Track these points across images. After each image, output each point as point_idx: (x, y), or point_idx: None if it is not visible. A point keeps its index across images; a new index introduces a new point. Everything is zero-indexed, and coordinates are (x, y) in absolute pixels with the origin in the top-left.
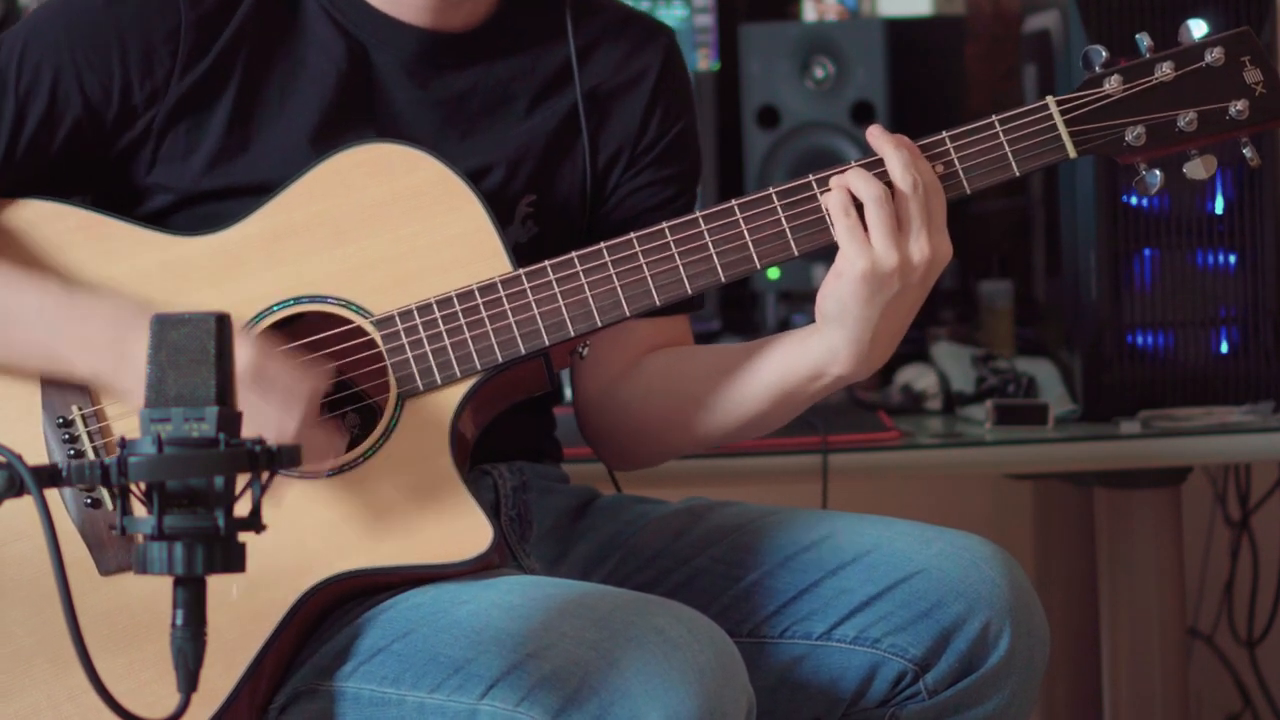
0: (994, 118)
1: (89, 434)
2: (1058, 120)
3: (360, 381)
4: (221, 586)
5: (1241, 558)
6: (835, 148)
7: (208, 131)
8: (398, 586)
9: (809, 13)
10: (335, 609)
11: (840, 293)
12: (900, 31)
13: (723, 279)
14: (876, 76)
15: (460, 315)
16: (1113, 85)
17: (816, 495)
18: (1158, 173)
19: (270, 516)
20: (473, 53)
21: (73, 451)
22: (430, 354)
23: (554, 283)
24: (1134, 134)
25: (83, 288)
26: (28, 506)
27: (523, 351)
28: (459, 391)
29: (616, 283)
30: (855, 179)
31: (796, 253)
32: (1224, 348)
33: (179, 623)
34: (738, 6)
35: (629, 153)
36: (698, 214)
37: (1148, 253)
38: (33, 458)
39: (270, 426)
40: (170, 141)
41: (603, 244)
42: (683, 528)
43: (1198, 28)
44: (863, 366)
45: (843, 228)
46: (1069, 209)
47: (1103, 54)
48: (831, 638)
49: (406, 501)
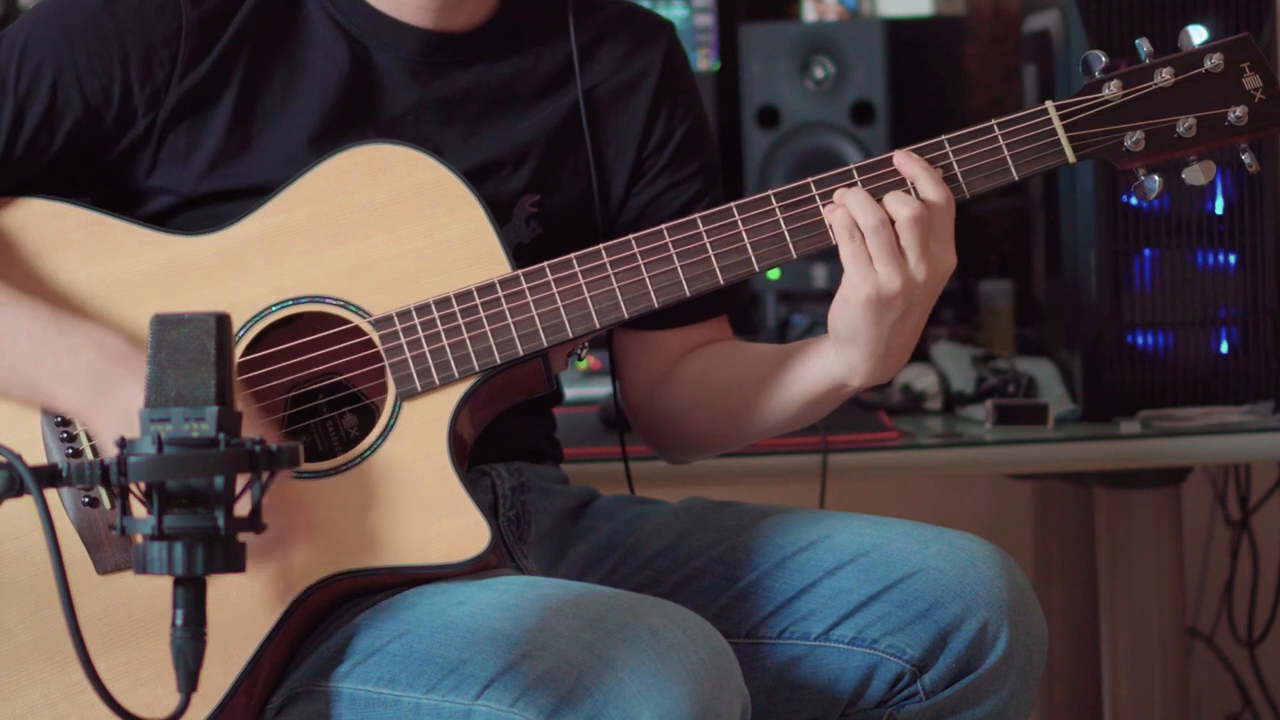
0: (993, 122)
1: (87, 434)
2: (1057, 125)
3: (358, 382)
4: (219, 588)
5: (1241, 558)
6: (835, 148)
7: (209, 133)
8: (394, 586)
9: (809, 13)
10: (332, 609)
11: (848, 316)
12: (900, 31)
13: (721, 281)
14: (876, 76)
15: (459, 316)
16: (1112, 90)
17: (816, 495)
18: (1156, 178)
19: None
20: (474, 52)
21: (70, 451)
22: (428, 355)
23: (552, 284)
24: (1133, 139)
25: (71, 318)
26: (26, 505)
27: (521, 353)
28: (457, 392)
29: (615, 284)
30: (854, 205)
31: (795, 255)
32: (1224, 348)
33: (179, 622)
34: (738, 6)
35: (637, 155)
36: (696, 216)
37: (1148, 253)
38: (31, 458)
39: None
40: (171, 143)
41: (601, 245)
42: (681, 529)
43: (1198, 34)
44: (882, 375)
45: (847, 252)
46: (1069, 209)
47: (1102, 59)
48: (829, 638)
49: (404, 502)
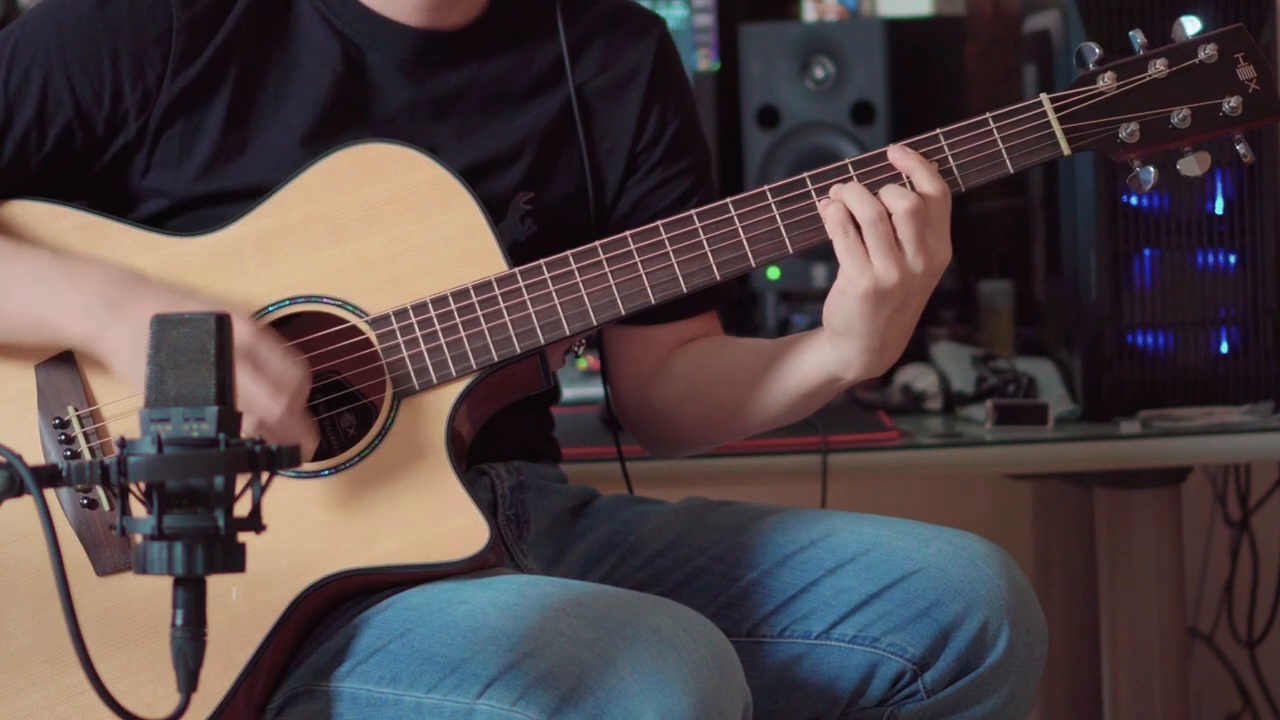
0: (987, 115)
1: (85, 434)
2: (1051, 117)
3: (356, 381)
4: (220, 588)
5: (1241, 558)
6: (835, 148)
7: (202, 135)
8: (394, 586)
9: (809, 13)
10: (332, 609)
11: (845, 309)
12: (900, 31)
13: (718, 277)
14: (876, 76)
15: (455, 314)
16: (1106, 82)
17: (816, 495)
18: (1151, 170)
19: (266, 516)
20: (466, 50)
21: (69, 452)
22: (426, 353)
23: (549, 282)
24: (1128, 131)
25: (73, 256)
26: (25, 507)
27: (518, 350)
28: (455, 391)
29: (612, 281)
30: (851, 198)
31: (791, 250)
32: (1224, 348)
33: (179, 623)
34: (738, 6)
35: (629, 151)
36: (692, 212)
37: (1148, 253)
38: (30, 459)
39: (257, 407)
40: (164, 145)
41: (598, 243)
42: (681, 528)
43: (1191, 24)
44: (875, 369)
45: (842, 247)
46: (1069, 209)
47: (1096, 51)
48: (830, 637)
49: (403, 501)
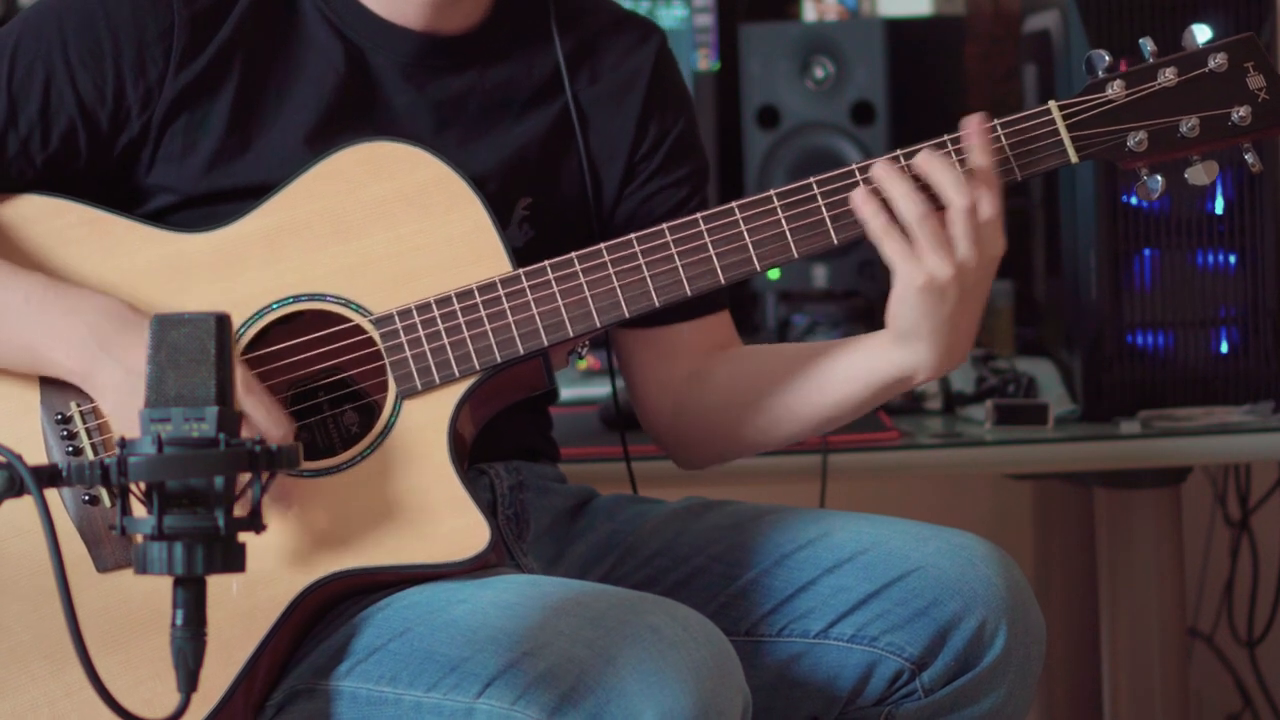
0: (995, 122)
1: (87, 430)
2: (1060, 125)
3: (359, 380)
4: (220, 585)
5: (1241, 558)
6: (835, 148)
7: (206, 132)
8: (395, 585)
9: (809, 13)
10: (332, 608)
11: (905, 312)
12: (900, 31)
13: (722, 280)
14: (876, 76)
15: (459, 315)
16: (1115, 90)
17: (816, 495)
18: (1159, 178)
19: (268, 514)
20: (468, 55)
21: (71, 449)
22: (429, 353)
23: (553, 283)
24: (1136, 139)
25: (70, 285)
26: (27, 502)
27: (521, 352)
28: (457, 391)
29: (616, 283)
30: (895, 194)
31: (796, 255)
32: (1224, 348)
33: (179, 622)
34: (738, 6)
35: (628, 159)
36: (697, 215)
37: (1148, 253)
38: (31, 455)
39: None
40: (168, 142)
41: (602, 245)
42: (680, 527)
43: (1201, 33)
44: (948, 364)
45: (890, 249)
46: (1069, 209)
47: (1106, 58)
48: (828, 636)
49: (404, 500)
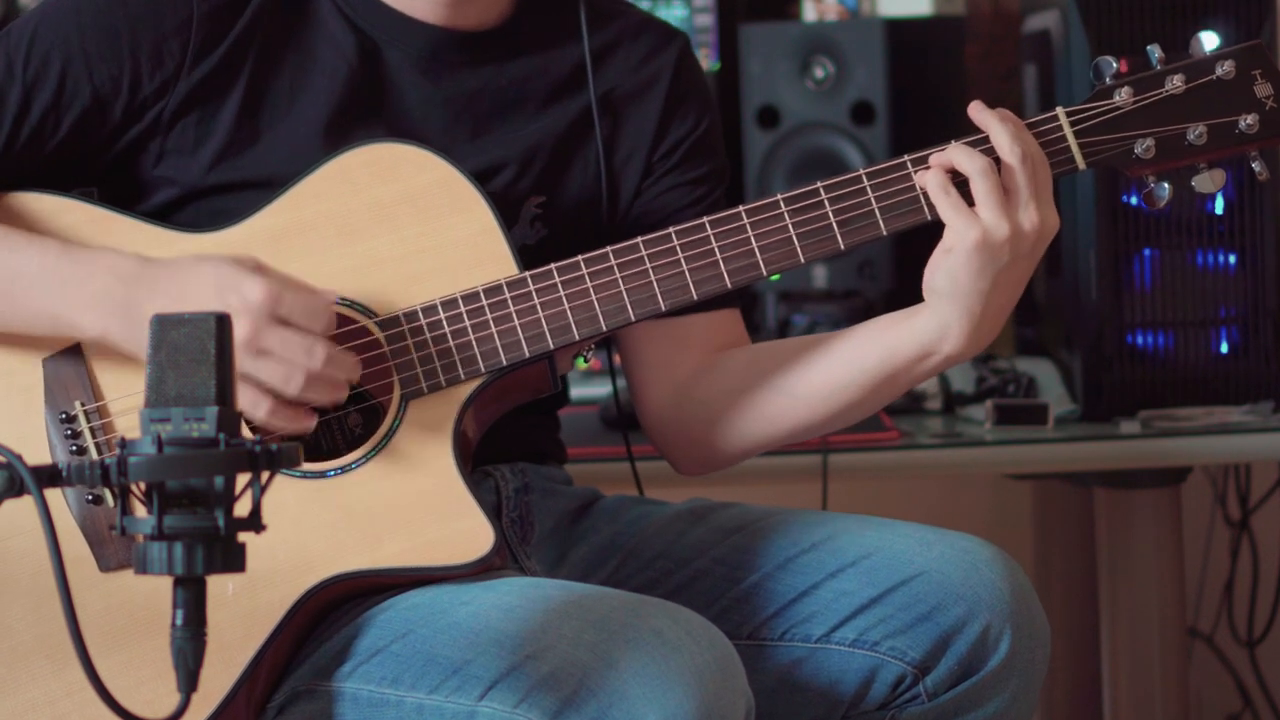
0: None
1: (91, 429)
2: (1067, 131)
3: (364, 381)
4: (220, 586)
5: (1241, 558)
6: (835, 148)
7: (217, 124)
8: (397, 587)
9: (809, 13)
10: (334, 609)
11: (951, 267)
12: (900, 31)
13: (729, 285)
14: (876, 76)
15: (465, 317)
16: (1123, 97)
17: (817, 495)
18: (1166, 185)
19: (270, 516)
20: (485, 52)
21: (75, 448)
22: (434, 355)
23: (559, 286)
24: (1143, 146)
25: (83, 247)
26: (29, 501)
27: (526, 354)
28: (462, 393)
29: (622, 287)
30: (958, 155)
31: (803, 260)
32: (1224, 348)
33: (179, 623)
34: (738, 6)
35: (647, 158)
36: (704, 220)
37: (1148, 253)
38: (35, 453)
39: (299, 355)
40: (178, 134)
41: (609, 248)
42: (683, 529)
43: (1209, 40)
44: (974, 343)
45: (946, 204)
46: (1069, 209)
47: (1113, 65)
48: (831, 640)
49: (408, 503)
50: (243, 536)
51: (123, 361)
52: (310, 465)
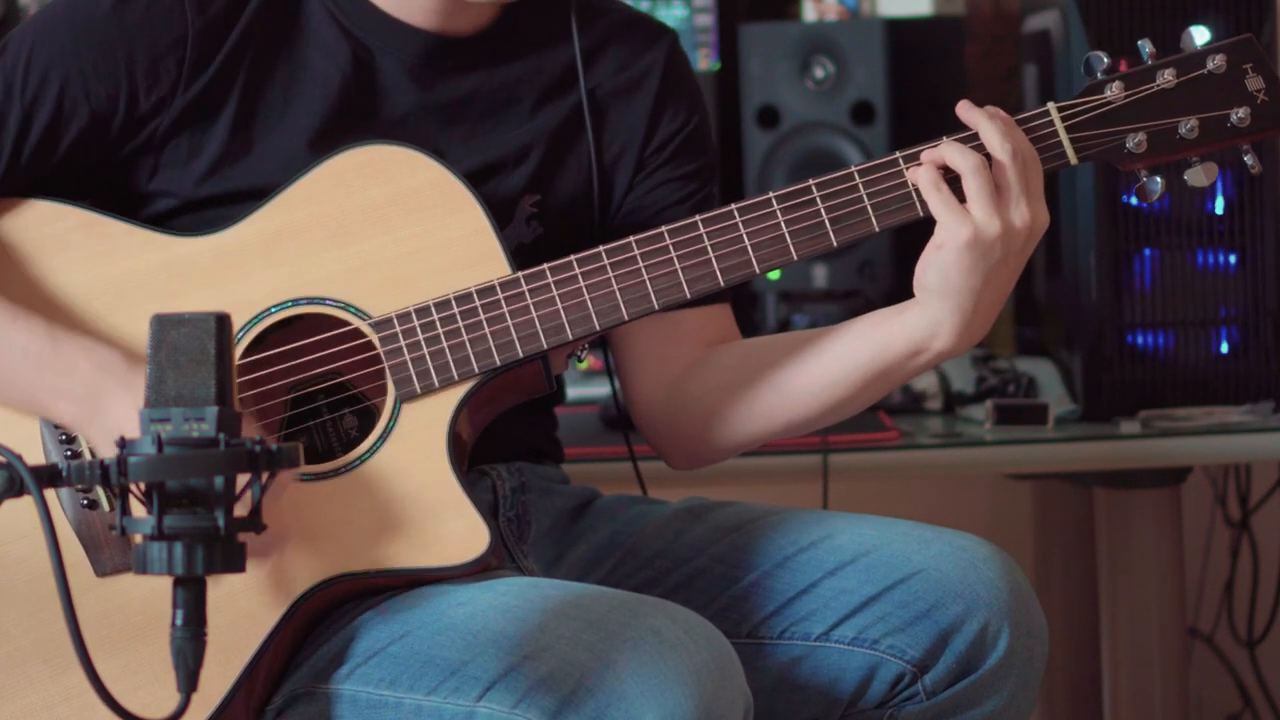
0: None
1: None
2: (1059, 126)
3: (358, 383)
4: (220, 588)
5: (1241, 558)
6: (835, 148)
7: (211, 137)
8: (395, 588)
9: (809, 13)
10: (332, 611)
11: (942, 263)
12: (900, 31)
13: (722, 283)
14: (876, 76)
15: (458, 318)
16: (1114, 92)
17: (817, 495)
18: (1159, 179)
19: (268, 518)
20: (477, 56)
21: (69, 452)
22: (428, 356)
23: (552, 286)
24: (1135, 141)
25: (69, 333)
26: (25, 506)
27: (520, 355)
28: (456, 394)
29: (615, 286)
30: (950, 151)
31: (796, 257)
32: (1224, 348)
33: (179, 623)
34: (738, 6)
35: (637, 154)
36: (696, 218)
37: (1148, 253)
38: (29, 457)
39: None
40: (174, 147)
41: (601, 248)
42: (681, 528)
43: (1200, 34)
44: (964, 340)
45: (938, 201)
46: (1069, 209)
47: (1104, 60)
48: (830, 638)
49: (404, 504)
50: (242, 536)
51: None
52: (306, 468)
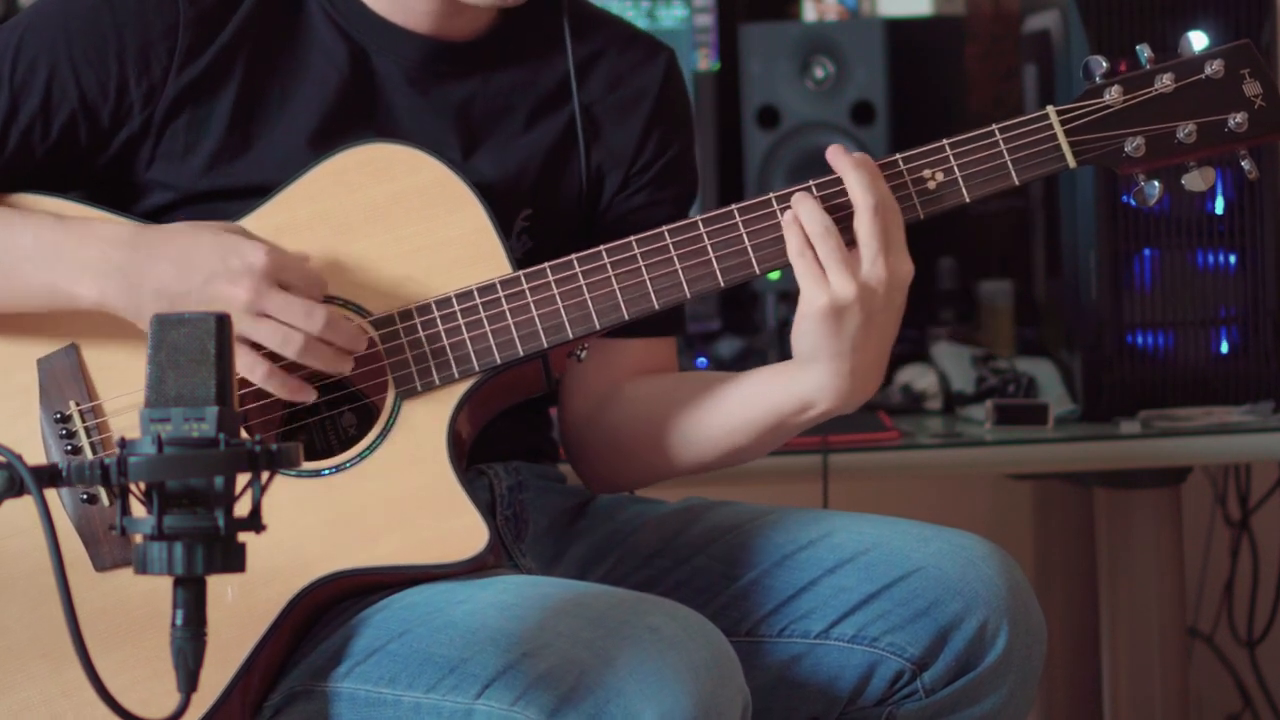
0: (994, 126)
1: (86, 430)
2: (1058, 130)
3: (358, 381)
4: (219, 587)
5: (1241, 558)
6: None
7: (208, 130)
8: (393, 586)
9: (809, 13)
10: (330, 608)
11: (807, 331)
12: (900, 31)
13: (722, 284)
14: (876, 76)
15: (459, 316)
16: (1113, 96)
17: (817, 495)
18: (1156, 183)
19: (266, 515)
20: (474, 62)
21: (70, 448)
22: (429, 354)
23: (553, 284)
24: (1133, 145)
25: (75, 217)
26: (25, 502)
27: (520, 353)
28: (457, 392)
29: (615, 285)
30: (802, 212)
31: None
32: (1224, 348)
33: (179, 622)
34: (738, 6)
35: (624, 172)
36: (697, 219)
37: (1148, 253)
38: (31, 454)
39: (298, 318)
40: (169, 138)
41: (602, 247)
42: (680, 527)
43: (1198, 40)
44: (852, 395)
45: (800, 268)
46: (1069, 209)
47: (1103, 64)
48: (829, 636)
49: (403, 501)
50: (243, 536)
51: (117, 360)
52: (305, 464)
